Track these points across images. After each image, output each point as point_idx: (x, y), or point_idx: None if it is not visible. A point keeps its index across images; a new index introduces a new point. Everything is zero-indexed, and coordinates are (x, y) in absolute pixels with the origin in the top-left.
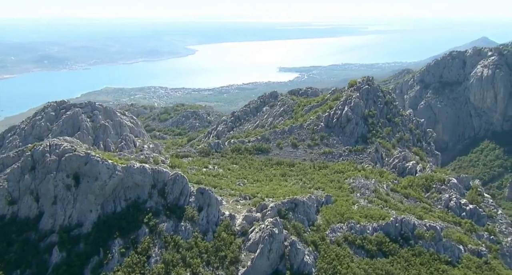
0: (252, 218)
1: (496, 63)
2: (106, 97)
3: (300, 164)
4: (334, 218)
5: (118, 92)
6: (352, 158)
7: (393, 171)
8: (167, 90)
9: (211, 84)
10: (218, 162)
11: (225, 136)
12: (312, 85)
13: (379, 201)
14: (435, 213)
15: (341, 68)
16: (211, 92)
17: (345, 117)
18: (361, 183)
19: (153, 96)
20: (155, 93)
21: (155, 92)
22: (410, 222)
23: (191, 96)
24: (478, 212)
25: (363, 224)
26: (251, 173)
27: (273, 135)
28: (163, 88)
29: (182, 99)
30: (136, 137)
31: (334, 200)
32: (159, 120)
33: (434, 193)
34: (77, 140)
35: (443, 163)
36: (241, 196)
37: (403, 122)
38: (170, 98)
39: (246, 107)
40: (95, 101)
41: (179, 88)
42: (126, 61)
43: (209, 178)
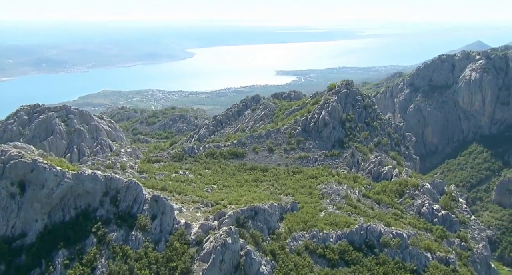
0: (208, 226)
1: (483, 67)
2: (103, 100)
3: (274, 169)
4: (297, 226)
5: (116, 95)
6: (327, 163)
7: (368, 176)
8: (165, 93)
9: (209, 87)
10: (190, 167)
11: (205, 140)
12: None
13: (348, 207)
14: (406, 220)
15: (337, 71)
16: (208, 95)
17: (322, 121)
18: (332, 189)
19: (150, 99)
20: (152, 96)
21: (153, 95)
22: (376, 230)
23: (188, 99)
24: (450, 218)
25: (326, 232)
26: (222, 179)
27: (249, 139)
28: (161, 91)
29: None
30: (113, 142)
31: (301, 206)
32: (147, 124)
33: (407, 198)
34: (29, 146)
35: (432, 166)
36: (203, 203)
37: (381, 126)
38: (167, 101)
39: (228, 110)
40: (92, 103)
41: (177, 91)
42: (124, 64)
43: (176, 184)
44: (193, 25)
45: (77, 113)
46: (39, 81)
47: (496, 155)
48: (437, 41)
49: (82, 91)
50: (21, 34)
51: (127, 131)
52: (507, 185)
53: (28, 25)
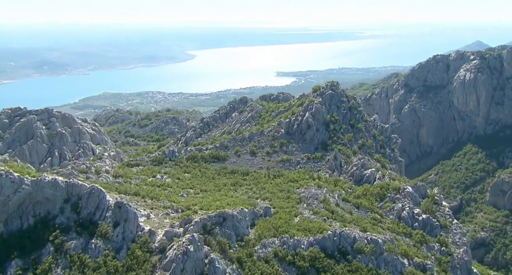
0: (172, 233)
1: (478, 67)
2: (103, 102)
3: (256, 172)
4: (268, 232)
5: (116, 97)
6: (310, 166)
7: (350, 179)
8: (165, 95)
9: (209, 89)
10: (170, 171)
11: (191, 143)
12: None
13: (325, 212)
14: (385, 224)
15: (337, 72)
16: (209, 97)
17: (306, 124)
18: (311, 193)
19: (151, 101)
20: (152, 98)
21: (153, 97)
22: (350, 236)
23: (188, 100)
24: (431, 222)
25: (297, 238)
26: (200, 183)
27: (232, 142)
28: (161, 93)
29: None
30: (97, 145)
31: (275, 212)
32: (139, 126)
33: (387, 202)
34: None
35: (427, 167)
36: (173, 208)
37: (366, 128)
38: (167, 103)
39: (216, 113)
40: (93, 106)
41: (177, 93)
42: (125, 66)
43: (150, 189)
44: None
45: (60, 116)
46: (41, 83)
47: (490, 156)
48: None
49: (83, 94)
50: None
51: (120, 134)
52: (501, 186)
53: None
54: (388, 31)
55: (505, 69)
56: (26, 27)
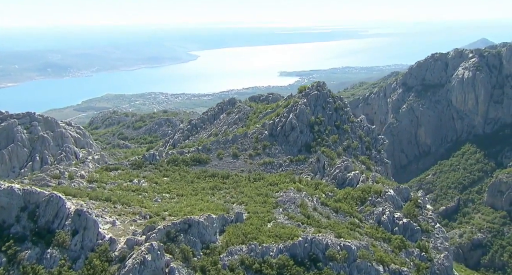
0: (134, 242)
1: (476, 65)
2: (106, 103)
3: (236, 175)
4: (236, 239)
5: (119, 98)
6: (292, 168)
7: (332, 182)
8: (167, 96)
9: (212, 89)
10: (149, 175)
11: (179, 145)
12: None
13: (301, 217)
14: (363, 229)
15: (341, 71)
16: (211, 97)
17: (289, 125)
18: (289, 197)
19: (153, 102)
20: (155, 99)
21: (155, 98)
22: (322, 242)
23: (190, 101)
24: (411, 227)
25: (266, 245)
26: (178, 187)
27: (215, 145)
28: (163, 94)
29: (182, 104)
30: (81, 148)
31: (248, 217)
32: (133, 128)
33: (368, 206)
34: None
35: (425, 167)
36: (141, 215)
37: (352, 129)
38: (170, 104)
39: (204, 114)
40: (96, 107)
41: (179, 93)
42: (128, 67)
43: (124, 194)
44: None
45: (42, 120)
46: (45, 86)
47: (489, 156)
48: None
49: (86, 95)
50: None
51: (113, 136)
52: (499, 187)
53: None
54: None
55: (504, 67)
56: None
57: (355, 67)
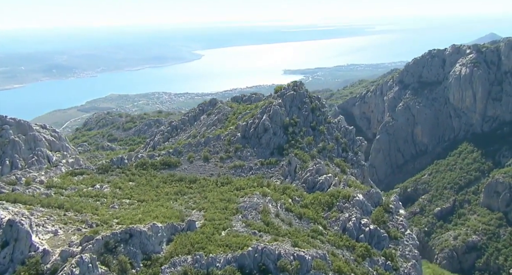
0: (69, 253)
1: (474, 61)
2: (110, 104)
3: (204, 180)
4: (183, 249)
5: (123, 98)
6: (262, 172)
7: (302, 186)
8: (171, 95)
9: (215, 88)
10: (114, 179)
11: (158, 148)
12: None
13: (259, 224)
14: (326, 237)
15: (346, 69)
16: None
17: (262, 127)
18: (252, 203)
19: (156, 102)
20: (158, 99)
21: (159, 98)
22: (273, 252)
23: (194, 101)
24: (378, 234)
25: (213, 255)
26: (141, 192)
27: (186, 147)
28: (167, 94)
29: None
30: (56, 152)
31: (202, 224)
32: (123, 129)
33: (334, 212)
34: None
35: (422, 167)
36: (87, 223)
37: (329, 131)
38: (173, 104)
39: (185, 116)
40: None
41: (183, 93)
42: (132, 67)
43: (79, 200)
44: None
45: (14, 123)
46: (50, 87)
47: (486, 155)
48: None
49: (91, 96)
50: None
51: (103, 137)
52: (495, 187)
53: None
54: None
55: (503, 63)
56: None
57: (360, 64)
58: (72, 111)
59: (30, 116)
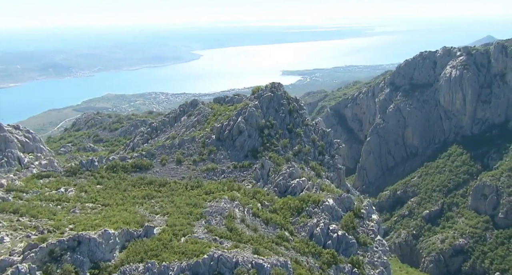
0: (8, 262)
1: (464, 64)
2: (106, 103)
3: (175, 183)
4: (135, 257)
5: (119, 98)
6: (234, 175)
7: (274, 190)
8: (168, 95)
9: (213, 89)
10: (81, 182)
11: (137, 149)
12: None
13: (221, 230)
14: (292, 243)
15: (344, 70)
16: (211, 97)
17: (237, 129)
18: (218, 207)
19: (153, 102)
20: (155, 99)
21: (156, 98)
22: (230, 260)
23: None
24: (346, 240)
25: (166, 263)
26: (107, 196)
27: (160, 150)
28: (164, 94)
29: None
30: (29, 153)
31: (162, 230)
32: (109, 130)
33: (303, 217)
34: None
35: (412, 169)
36: (39, 229)
37: (306, 133)
38: (170, 104)
39: (166, 117)
40: (95, 108)
41: (180, 93)
42: (130, 67)
43: (37, 205)
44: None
45: None
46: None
47: (475, 157)
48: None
49: (87, 95)
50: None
51: (89, 138)
52: (482, 190)
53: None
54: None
55: (492, 66)
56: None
57: (358, 65)
58: (67, 110)
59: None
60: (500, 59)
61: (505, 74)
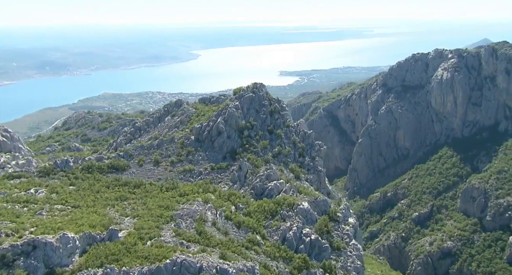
0: None
1: (455, 66)
2: (102, 102)
3: (150, 185)
4: (94, 262)
5: (116, 97)
6: (211, 177)
7: (251, 193)
8: (164, 95)
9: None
10: (54, 183)
11: (119, 149)
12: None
13: (190, 234)
14: (262, 247)
15: (342, 71)
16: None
17: (216, 130)
18: (190, 210)
19: (150, 101)
20: (152, 98)
21: (152, 97)
22: (194, 265)
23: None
24: (319, 244)
25: (126, 269)
26: (78, 198)
27: (138, 150)
28: (161, 93)
29: None
30: (7, 153)
31: (128, 234)
32: (98, 129)
33: (276, 221)
34: None
35: (403, 171)
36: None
37: (287, 135)
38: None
39: (150, 116)
40: (91, 106)
41: (177, 93)
42: (128, 66)
43: (2, 206)
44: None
45: None
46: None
47: (465, 160)
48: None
49: (84, 94)
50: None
51: (77, 137)
52: (471, 192)
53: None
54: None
55: (483, 68)
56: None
57: (356, 67)
58: (63, 109)
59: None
60: (491, 61)
61: (495, 77)
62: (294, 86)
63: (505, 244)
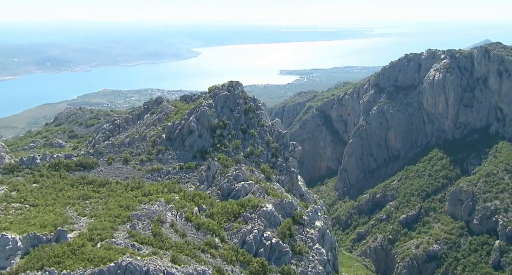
0: None
1: (447, 67)
2: (101, 99)
3: (116, 183)
4: (35, 264)
5: (115, 94)
6: (179, 176)
7: (218, 194)
8: (164, 92)
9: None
10: (17, 181)
11: (97, 146)
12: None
13: (144, 235)
14: (220, 250)
15: (342, 71)
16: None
17: (187, 128)
18: (149, 211)
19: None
20: (151, 95)
21: (151, 94)
22: (140, 268)
23: None
24: (280, 248)
25: (67, 272)
26: (39, 196)
27: (109, 148)
28: (160, 91)
29: None
30: None
31: (79, 234)
32: (85, 126)
33: (238, 223)
34: None
35: (393, 172)
36: None
37: (260, 134)
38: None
39: (129, 114)
40: (91, 103)
41: (176, 90)
42: (128, 63)
43: None
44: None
45: None
46: (42, 80)
47: (455, 162)
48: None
49: (84, 90)
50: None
51: (64, 133)
52: (459, 195)
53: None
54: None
55: (476, 70)
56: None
57: (356, 66)
58: (62, 105)
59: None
60: (483, 63)
61: (487, 78)
62: (293, 85)
63: (491, 248)
